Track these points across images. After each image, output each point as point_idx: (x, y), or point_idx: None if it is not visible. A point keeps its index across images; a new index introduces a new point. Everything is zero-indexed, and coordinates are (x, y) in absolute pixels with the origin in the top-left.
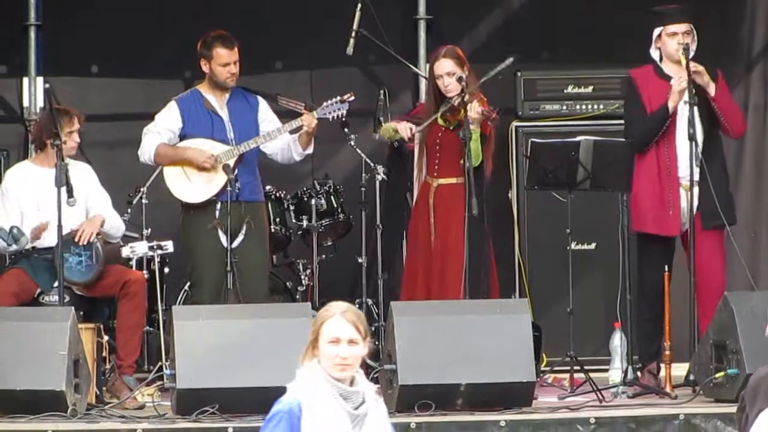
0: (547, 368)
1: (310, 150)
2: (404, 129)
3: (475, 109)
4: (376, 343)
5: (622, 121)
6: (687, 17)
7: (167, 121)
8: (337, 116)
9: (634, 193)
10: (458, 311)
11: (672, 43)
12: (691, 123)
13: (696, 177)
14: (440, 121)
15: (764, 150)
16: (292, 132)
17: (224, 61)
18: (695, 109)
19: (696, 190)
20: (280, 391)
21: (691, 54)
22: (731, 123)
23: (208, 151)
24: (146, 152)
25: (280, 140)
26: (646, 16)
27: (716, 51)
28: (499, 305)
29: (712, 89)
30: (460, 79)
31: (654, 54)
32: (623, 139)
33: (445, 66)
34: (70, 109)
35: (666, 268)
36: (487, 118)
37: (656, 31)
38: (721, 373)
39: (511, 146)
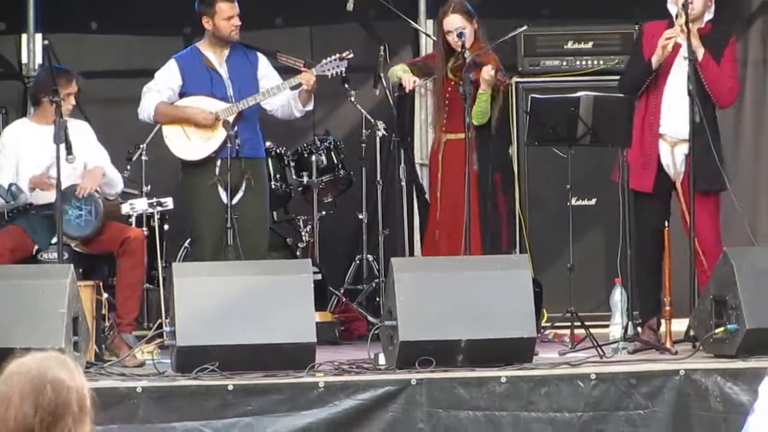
0: (548, 324)
1: (310, 106)
2: (406, 80)
3: (488, 72)
4: (377, 299)
5: None
6: None
7: (167, 79)
8: (336, 73)
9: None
10: (459, 267)
11: None
12: (690, 79)
13: (686, 135)
14: (450, 76)
15: (763, 107)
16: (292, 89)
17: (227, 14)
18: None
19: (685, 147)
20: (279, 348)
21: (709, 16)
22: (715, 93)
23: (208, 108)
24: (145, 111)
25: (280, 97)
26: None
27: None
28: (499, 261)
29: (699, 55)
30: (460, 35)
31: (671, 8)
32: (622, 95)
33: (455, 21)
34: (70, 70)
35: (665, 223)
36: (500, 83)
37: None
38: (721, 329)
39: (512, 102)
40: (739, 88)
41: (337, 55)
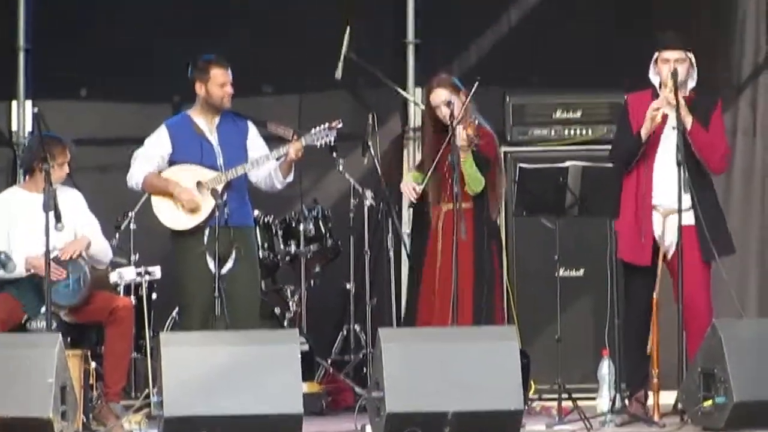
0: (536, 396)
1: (290, 178)
2: (409, 192)
3: (460, 135)
4: (365, 369)
5: (610, 147)
6: (680, 44)
7: (156, 147)
8: (325, 143)
9: (618, 219)
10: (446, 338)
11: (664, 69)
12: (679, 149)
13: (685, 205)
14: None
15: (752, 174)
16: (278, 159)
17: (221, 81)
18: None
19: (676, 218)
20: (266, 419)
21: (692, 83)
22: (707, 159)
23: (196, 178)
24: (134, 179)
25: (263, 168)
26: (636, 42)
27: (707, 77)
28: (487, 332)
29: (688, 123)
30: (448, 104)
31: (653, 79)
32: (610, 165)
33: (441, 95)
34: (62, 138)
35: (653, 295)
36: (471, 143)
37: (654, 56)
38: (710, 402)
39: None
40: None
41: (326, 125)
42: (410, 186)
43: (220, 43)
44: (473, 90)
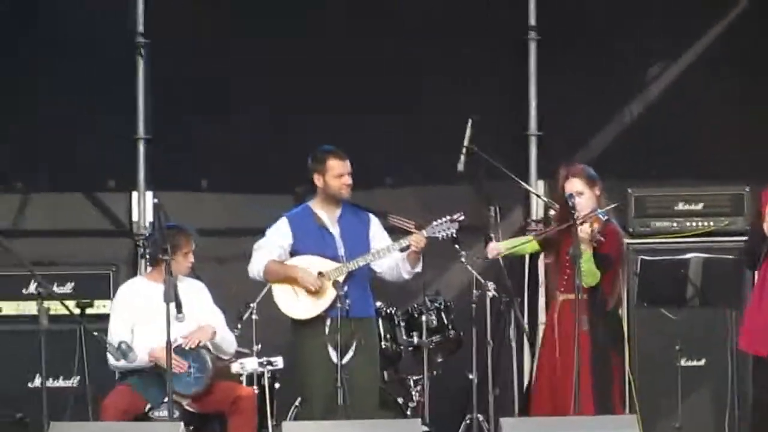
0: None
1: (418, 269)
2: (490, 251)
3: (584, 230)
4: None
5: (732, 238)
6: None
7: (278, 238)
8: (447, 235)
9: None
10: (567, 427)
11: None
12: None
13: None
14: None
15: None
16: (401, 250)
17: (338, 172)
18: None
19: None
20: None
21: None
22: None
23: (318, 268)
24: (256, 269)
25: (388, 258)
26: (755, 131)
27: None
28: (608, 421)
29: None
30: (570, 197)
31: None
32: (731, 256)
33: (575, 185)
34: (187, 229)
35: None
36: (593, 239)
37: None
38: None
39: (623, 263)
40: None
41: (448, 218)
42: (495, 251)
43: (343, 134)
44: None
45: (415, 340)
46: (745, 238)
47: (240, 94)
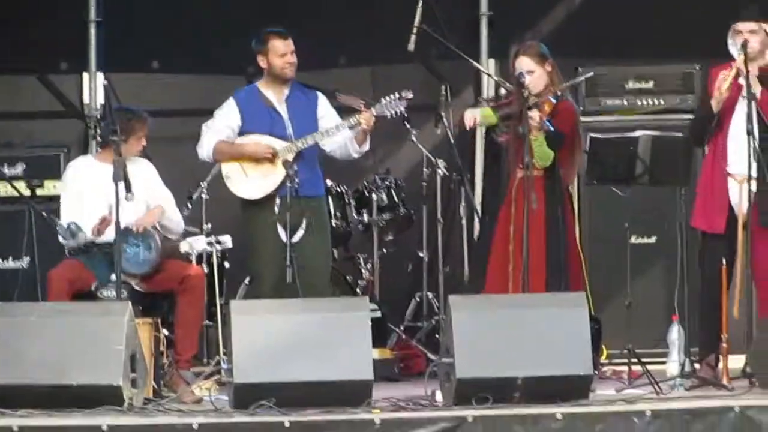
0: (607, 361)
1: (366, 147)
2: (466, 120)
3: (532, 116)
4: (437, 336)
5: (682, 116)
6: (753, 15)
7: (226, 118)
8: (396, 113)
9: (696, 189)
10: (515, 305)
11: (738, 40)
12: (749, 118)
13: (754, 173)
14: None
15: None
16: (350, 128)
17: (281, 51)
18: (753, 104)
19: (751, 184)
20: (336, 385)
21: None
22: None
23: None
24: (205, 149)
25: (337, 137)
26: (710, 11)
27: None
28: (556, 299)
29: (757, 92)
30: (519, 76)
31: (732, 51)
32: (680, 134)
33: (524, 64)
34: (142, 113)
35: (725, 262)
36: (541, 127)
37: (731, 28)
38: None
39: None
40: None
41: (397, 95)
42: (471, 117)
43: (293, 15)
44: (580, 79)
45: (366, 218)
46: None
47: None
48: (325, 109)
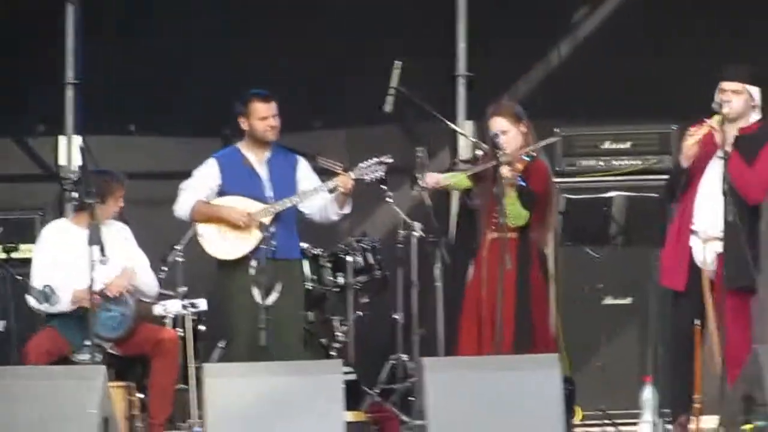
0: (581, 422)
1: (347, 209)
2: (429, 180)
3: (504, 172)
4: (411, 398)
5: (660, 177)
6: (737, 76)
7: (205, 177)
8: (375, 178)
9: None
10: (489, 367)
11: (720, 98)
12: (725, 179)
13: (719, 233)
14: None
15: None
16: (329, 191)
17: (262, 114)
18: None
19: (717, 245)
20: None
21: (755, 116)
22: (740, 189)
23: (244, 209)
24: (183, 208)
25: (317, 200)
26: (686, 73)
27: None
28: (529, 361)
29: (727, 153)
30: (494, 136)
31: (715, 107)
32: (656, 195)
33: (497, 124)
34: (118, 175)
35: (695, 322)
36: (513, 184)
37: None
38: (750, 426)
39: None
40: None
41: (376, 159)
42: (435, 178)
43: (270, 77)
44: (546, 142)
45: (341, 280)
46: None
47: (166, 37)
48: (304, 172)
